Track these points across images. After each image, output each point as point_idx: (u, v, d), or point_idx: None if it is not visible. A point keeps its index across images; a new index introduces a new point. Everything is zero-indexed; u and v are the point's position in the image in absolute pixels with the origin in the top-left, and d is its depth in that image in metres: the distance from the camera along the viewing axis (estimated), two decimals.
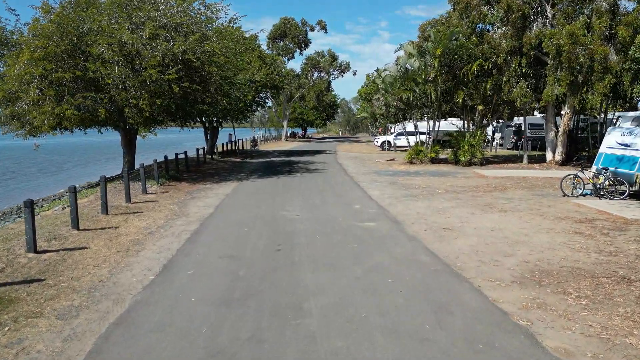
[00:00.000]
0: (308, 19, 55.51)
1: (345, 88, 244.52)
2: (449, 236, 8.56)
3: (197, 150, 22.65)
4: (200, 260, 6.90)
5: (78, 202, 11.94)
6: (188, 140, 38.34)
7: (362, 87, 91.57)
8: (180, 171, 19.08)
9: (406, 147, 39.30)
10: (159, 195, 13.38)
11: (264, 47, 39.91)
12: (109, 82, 13.86)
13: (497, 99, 24.80)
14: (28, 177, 28.47)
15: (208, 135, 30.65)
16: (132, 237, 8.38)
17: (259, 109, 31.02)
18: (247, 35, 25.85)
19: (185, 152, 19.81)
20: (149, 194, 13.50)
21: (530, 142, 34.26)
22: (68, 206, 11.35)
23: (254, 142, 36.22)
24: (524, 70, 22.02)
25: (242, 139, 38.52)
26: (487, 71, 22.68)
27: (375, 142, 40.50)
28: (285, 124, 59.68)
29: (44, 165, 34.48)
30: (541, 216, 10.40)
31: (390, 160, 27.46)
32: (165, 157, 16.90)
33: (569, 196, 13.06)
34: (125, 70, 14.15)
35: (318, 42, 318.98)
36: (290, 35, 53.07)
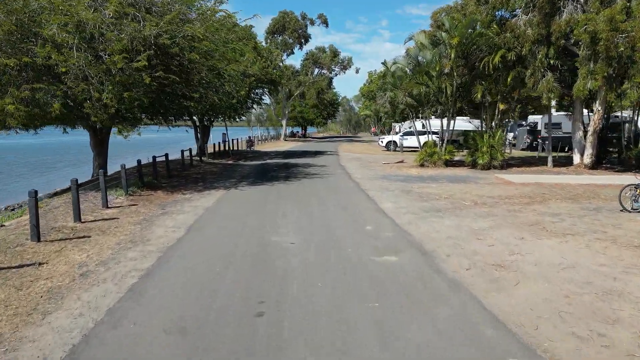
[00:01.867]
0: (308, 12, 54.16)
1: (347, 86, 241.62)
2: (505, 280, 6.03)
3: (182, 152, 20.09)
4: (133, 339, 4.35)
5: (14, 220, 9.44)
6: (181, 140, 35.79)
7: (364, 85, 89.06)
8: (160, 177, 16.56)
9: (414, 147, 36.78)
10: (122, 210, 10.84)
11: (260, 40, 37.47)
12: (64, 70, 11.33)
13: (519, 94, 22.28)
14: (11, 177, 25.92)
15: (198, 135, 28.14)
16: (54, 282, 5.85)
17: (254, 106, 28.51)
18: (241, 24, 23.31)
19: (166, 155, 17.27)
20: (111, 207, 10.97)
21: (548, 142, 31.77)
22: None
23: (250, 142, 33.73)
24: (551, 62, 19.49)
25: (238, 139, 35.98)
26: (509, 64, 20.14)
27: (379, 143, 37.96)
28: (284, 122, 57.14)
29: (35, 165, 31.97)
30: (613, 242, 7.87)
31: (398, 162, 24.92)
32: (139, 161, 14.34)
33: (629, 211, 10.53)
34: (86, 56, 11.61)
35: (318, 41, 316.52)
36: (290, 29, 50.50)
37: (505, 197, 12.92)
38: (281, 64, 28.59)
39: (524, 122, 40.34)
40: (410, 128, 41.12)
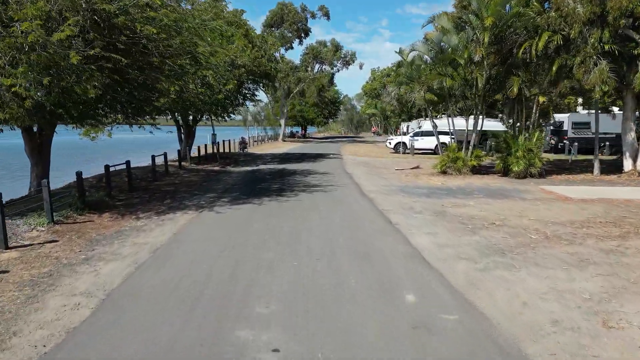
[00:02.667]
0: (308, 7, 50.14)
1: (348, 85, 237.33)
2: None
3: (153, 157, 16.44)
4: None
5: None
6: (169, 141, 31.88)
7: (367, 82, 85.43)
8: (120, 191, 12.97)
9: (426, 149, 33.16)
10: (27, 252, 7.21)
11: (254, 27, 33.66)
12: None
13: (561, 88, 18.67)
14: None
15: (182, 136, 24.54)
16: None
17: (247, 103, 24.96)
18: (229, 7, 19.79)
19: (128, 163, 13.65)
20: (14, 247, 7.36)
21: (576, 143, 28.18)
22: None
23: (243, 143, 30.11)
24: (605, 47, 15.88)
25: (230, 140, 32.35)
26: (550, 51, 16.54)
27: (387, 144, 34.33)
28: (282, 122, 53.49)
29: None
30: None
31: (414, 168, 21.30)
32: (78, 174, 10.65)
33: None
34: None
35: (319, 39, 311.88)
36: (289, 21, 46.87)
37: (580, 224, 9.30)
38: (278, 54, 24.90)
39: (542, 121, 36.75)
40: (420, 127, 37.55)
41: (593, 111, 33.18)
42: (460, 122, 36.93)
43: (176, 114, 21.35)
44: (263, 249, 7.29)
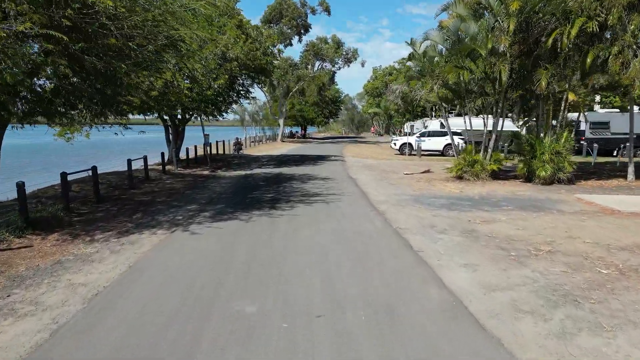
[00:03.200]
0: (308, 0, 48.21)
1: (349, 84, 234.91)
2: None
3: (129, 162, 14.39)
4: None
5: None
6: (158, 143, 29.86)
7: (369, 81, 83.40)
8: (85, 202, 10.95)
9: (434, 151, 31.13)
10: None
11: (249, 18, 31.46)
12: None
13: (593, 81, 16.70)
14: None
15: (170, 137, 22.53)
16: None
17: (241, 101, 22.93)
18: None
19: (94, 168, 11.61)
20: None
21: (596, 145, 26.15)
22: None
23: (238, 144, 28.08)
24: None
25: (224, 141, 30.34)
26: (583, 40, 14.56)
27: (392, 145, 32.30)
28: (281, 122, 51.47)
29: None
30: None
31: (424, 172, 19.27)
32: (19, 185, 8.56)
33: None
34: None
35: (320, 36, 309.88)
36: (288, 17, 44.87)
37: None
38: (275, 49, 22.87)
39: (554, 122, 34.69)
40: (425, 127, 35.53)
41: (614, 110, 31.15)
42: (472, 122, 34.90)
43: (162, 112, 19.32)
44: (242, 298, 5.24)
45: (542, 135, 16.06)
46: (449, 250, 7.32)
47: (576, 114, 31.12)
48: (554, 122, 17.60)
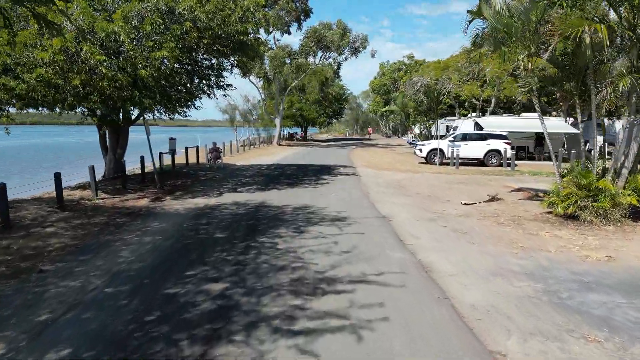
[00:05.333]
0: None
1: (351, 83, 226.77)
2: None
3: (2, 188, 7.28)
4: None
5: None
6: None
7: (375, 78, 76.23)
8: None
9: (472, 159, 24.10)
10: None
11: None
12: None
13: None
14: None
15: (108, 143, 15.47)
16: None
17: (212, 90, 15.78)
18: None
19: None
20: None
21: None
22: None
23: (215, 152, 20.97)
24: None
25: (197, 147, 23.30)
26: None
27: (416, 152, 25.15)
28: (277, 122, 44.33)
29: None
30: None
31: (491, 200, 12.19)
32: None
33: None
34: None
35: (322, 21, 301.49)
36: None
37: None
38: (258, 14, 15.66)
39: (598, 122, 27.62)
40: (452, 128, 28.41)
41: None
42: (504, 122, 27.98)
43: (68, 105, 12.17)
44: None
45: None
46: None
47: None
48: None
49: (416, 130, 41.92)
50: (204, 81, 15.18)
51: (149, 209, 10.82)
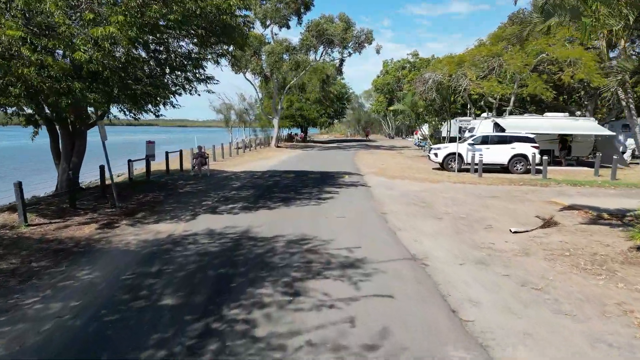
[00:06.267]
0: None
1: (353, 82, 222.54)
2: None
3: None
4: None
5: None
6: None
7: (378, 76, 73.15)
8: None
9: (495, 164, 21.18)
10: None
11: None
12: None
13: None
14: None
15: (62, 148, 12.58)
16: None
17: (193, 85, 12.95)
18: None
19: None
20: None
21: None
22: None
23: (200, 158, 18.07)
24: None
25: (181, 151, 20.42)
26: None
27: (431, 156, 22.22)
28: (275, 122, 41.41)
29: None
30: None
31: (546, 226, 9.26)
32: None
33: None
34: None
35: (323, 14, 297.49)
36: None
37: None
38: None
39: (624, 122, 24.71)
40: (468, 129, 25.42)
41: None
42: (527, 122, 25.07)
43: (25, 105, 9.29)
44: None
45: None
46: None
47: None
48: None
49: (424, 130, 38.95)
50: (178, 73, 12.27)
51: (90, 242, 7.91)
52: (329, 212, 10.65)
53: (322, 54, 39.87)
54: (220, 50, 13.49)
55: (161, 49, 11.48)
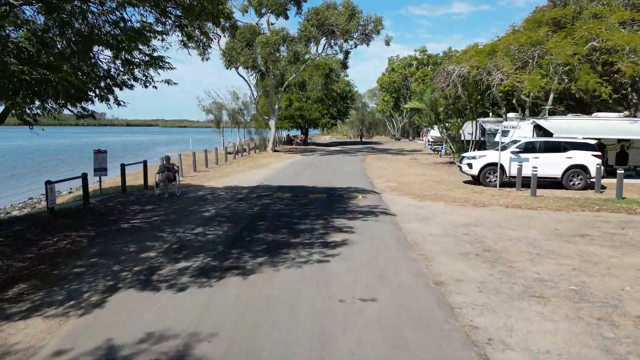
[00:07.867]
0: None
1: (356, 81, 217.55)
2: None
3: None
4: None
5: None
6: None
7: (384, 74, 68.59)
8: None
9: (546, 178, 16.59)
10: None
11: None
12: None
13: None
14: None
15: None
16: None
17: (147, 73, 8.81)
18: None
19: None
20: None
21: None
22: None
23: (167, 171, 13.68)
24: None
25: (145, 162, 16.00)
26: None
27: (463, 167, 17.71)
28: (272, 123, 36.93)
29: None
30: None
31: None
32: None
33: None
34: None
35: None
36: None
37: None
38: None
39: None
40: (503, 134, 20.79)
41: None
42: (576, 124, 20.72)
43: None
44: None
45: None
46: None
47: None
48: None
49: (435, 132, 34.54)
50: (120, 46, 7.86)
51: None
52: (342, 281, 6.24)
53: (324, 46, 35.46)
54: (178, 22, 9.09)
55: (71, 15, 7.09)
